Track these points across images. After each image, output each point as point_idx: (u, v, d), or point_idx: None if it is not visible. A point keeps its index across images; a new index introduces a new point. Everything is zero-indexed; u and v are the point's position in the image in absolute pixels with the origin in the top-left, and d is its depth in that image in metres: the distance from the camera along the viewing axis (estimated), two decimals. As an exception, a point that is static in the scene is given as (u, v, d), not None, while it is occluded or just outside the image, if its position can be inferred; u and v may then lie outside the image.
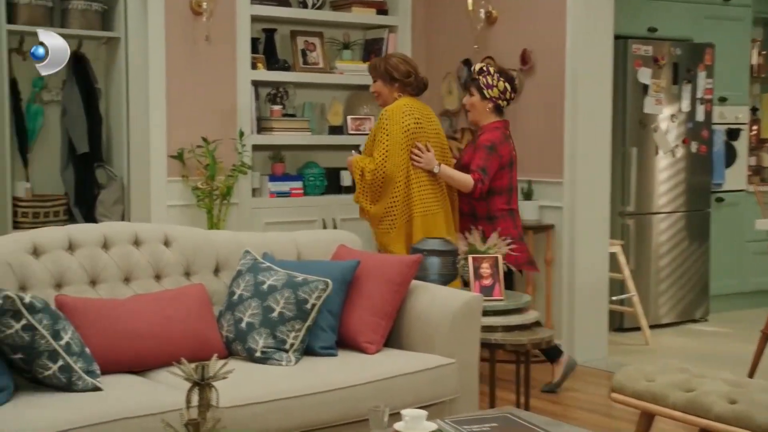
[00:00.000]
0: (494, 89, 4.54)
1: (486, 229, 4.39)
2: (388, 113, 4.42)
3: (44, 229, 3.50)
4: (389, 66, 4.53)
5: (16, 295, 2.84)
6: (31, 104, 5.97)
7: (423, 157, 4.44)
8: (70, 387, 2.95)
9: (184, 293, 3.50)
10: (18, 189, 5.80)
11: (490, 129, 4.56)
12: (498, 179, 4.53)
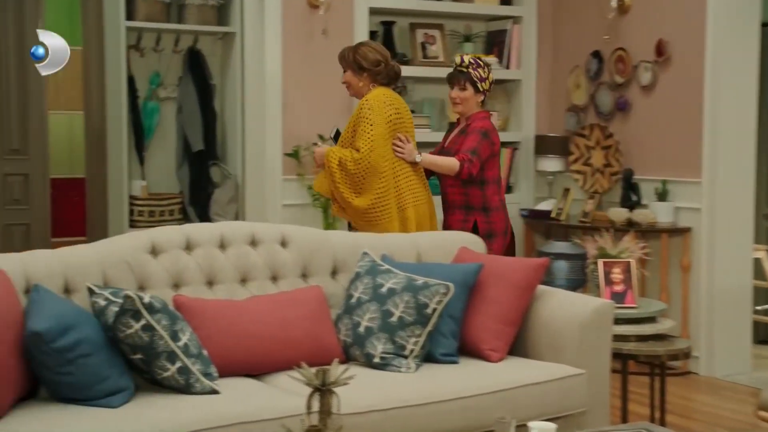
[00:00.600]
0: (486, 82, 4.58)
1: (479, 220, 4.44)
2: (369, 103, 4.40)
3: (162, 228, 3.62)
4: (358, 55, 4.52)
5: (135, 294, 2.94)
6: (147, 101, 6.19)
7: (405, 148, 4.45)
8: (188, 389, 3.04)
9: (302, 295, 3.56)
10: (134, 187, 6.02)
11: (480, 118, 4.57)
12: (489, 169, 4.53)
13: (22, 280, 3.11)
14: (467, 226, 4.49)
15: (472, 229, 4.46)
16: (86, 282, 3.18)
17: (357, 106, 4.49)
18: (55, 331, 2.82)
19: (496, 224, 4.52)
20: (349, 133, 4.47)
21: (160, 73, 6.19)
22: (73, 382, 2.87)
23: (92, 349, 2.90)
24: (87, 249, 3.37)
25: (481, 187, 4.51)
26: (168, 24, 6.03)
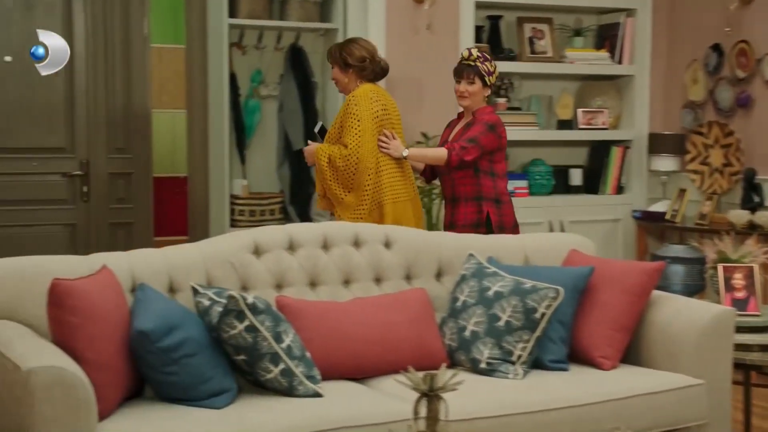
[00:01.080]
0: (493, 76, 4.58)
1: (491, 211, 4.44)
2: (355, 99, 4.47)
3: (265, 228, 3.68)
4: (344, 52, 4.59)
5: (239, 295, 3.00)
6: (248, 100, 6.30)
7: (390, 144, 4.51)
8: (291, 391, 3.08)
9: (405, 298, 3.58)
10: (235, 186, 6.13)
11: (488, 112, 4.56)
12: (497, 162, 4.52)
13: (128, 278, 3.20)
14: (481, 217, 4.46)
15: (485, 221, 4.45)
16: (190, 281, 3.26)
17: (343, 102, 4.57)
18: (161, 331, 2.90)
19: (506, 217, 4.50)
20: (336, 130, 4.54)
21: (261, 70, 6.28)
22: (177, 381, 2.94)
23: (196, 349, 2.97)
24: (191, 248, 3.46)
25: (492, 178, 4.49)
26: (270, 21, 6.12)
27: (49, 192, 6.03)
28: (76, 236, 6.08)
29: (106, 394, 2.79)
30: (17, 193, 5.96)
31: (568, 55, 5.93)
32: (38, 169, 5.96)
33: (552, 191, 5.95)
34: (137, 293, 3.13)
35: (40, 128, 5.97)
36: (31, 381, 2.55)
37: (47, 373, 2.57)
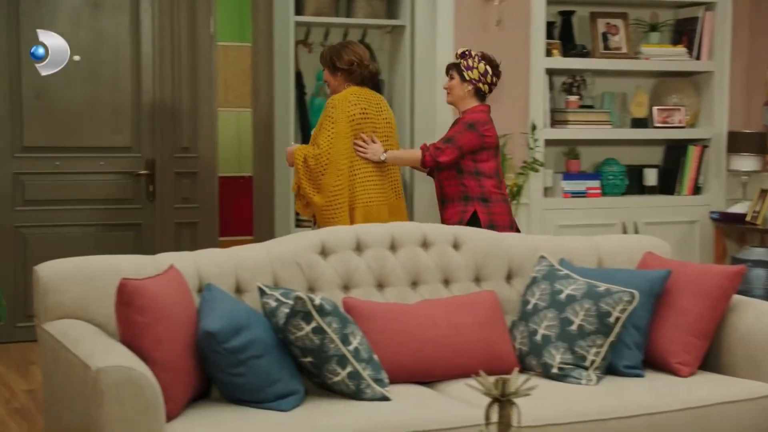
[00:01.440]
0: (474, 71, 4.59)
1: (479, 210, 4.47)
2: (334, 101, 4.63)
3: (332, 229, 3.70)
4: (333, 55, 4.73)
5: (306, 296, 3.02)
6: (314, 98, 6.33)
7: (368, 148, 4.60)
8: (358, 395, 3.09)
9: (475, 300, 3.56)
10: (301, 186, 6.16)
11: (476, 111, 4.60)
12: (484, 161, 4.54)
13: (195, 278, 3.25)
14: (465, 216, 4.49)
15: (471, 219, 4.47)
16: (257, 282, 3.29)
17: (326, 104, 4.71)
18: (228, 332, 2.93)
19: (498, 216, 4.51)
20: (316, 130, 4.67)
21: (327, 68, 6.31)
22: (244, 383, 2.97)
23: (263, 351, 3.00)
24: (258, 248, 3.49)
25: (477, 178, 4.53)
26: (336, 18, 6.15)
27: (115, 191, 6.15)
28: (142, 236, 6.18)
29: (173, 394, 2.83)
30: (83, 193, 6.09)
31: (643, 51, 5.86)
32: (105, 168, 6.09)
33: (625, 192, 5.88)
34: (204, 293, 3.16)
35: (107, 127, 6.10)
36: (101, 380, 2.60)
37: (116, 372, 2.61)
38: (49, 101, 5.94)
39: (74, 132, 6.02)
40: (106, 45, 6.04)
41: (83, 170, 6.06)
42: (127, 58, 6.09)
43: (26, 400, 4.78)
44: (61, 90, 5.95)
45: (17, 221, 5.95)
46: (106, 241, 6.06)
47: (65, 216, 6.04)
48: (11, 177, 5.93)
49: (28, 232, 5.98)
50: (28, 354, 5.63)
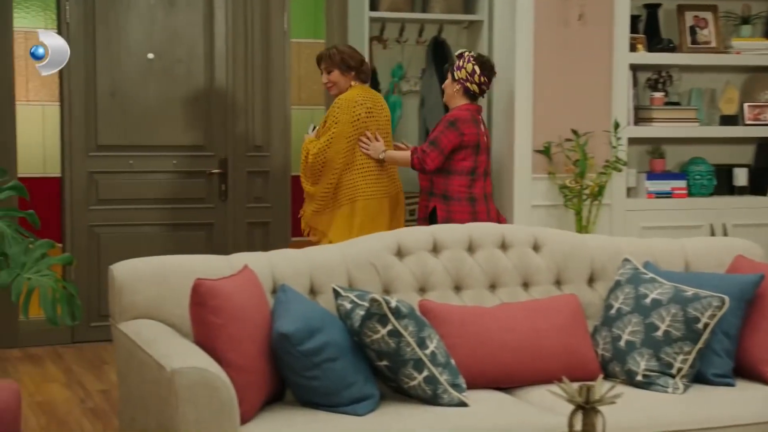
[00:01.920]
0: (462, 71, 4.83)
1: (438, 207, 4.76)
2: (341, 102, 4.96)
3: (408, 229, 3.72)
4: (345, 55, 5.03)
5: (382, 298, 3.03)
6: (389, 95, 6.34)
7: (371, 145, 4.94)
8: (435, 400, 3.09)
9: (556, 304, 3.54)
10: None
11: (460, 109, 4.85)
12: (460, 160, 4.77)
13: (269, 279, 3.28)
14: (427, 212, 4.84)
15: (430, 215, 4.80)
16: (332, 283, 3.31)
17: (333, 103, 5.03)
18: (302, 334, 2.96)
19: (456, 214, 4.72)
20: (322, 127, 5.03)
21: (402, 65, 6.32)
22: (318, 386, 2.99)
23: (338, 354, 3.02)
24: (333, 249, 3.52)
25: (446, 176, 4.79)
26: (412, 13, 6.16)
27: (188, 190, 6.24)
28: (214, 235, 6.26)
29: (247, 396, 2.86)
30: (156, 192, 6.19)
31: (734, 45, 5.74)
32: (177, 168, 6.18)
33: (713, 192, 5.77)
34: (278, 294, 3.19)
35: (180, 126, 6.19)
36: (175, 382, 2.64)
37: (191, 374, 2.66)
38: (123, 99, 6.06)
39: (147, 130, 6.13)
40: (180, 43, 6.14)
41: (156, 169, 6.17)
42: (200, 55, 6.18)
43: (100, 400, 4.88)
44: (135, 88, 6.06)
45: (92, 220, 6.07)
46: (177, 241, 6.15)
47: (138, 215, 6.15)
48: (86, 176, 6.06)
49: (102, 231, 6.10)
50: (102, 354, 5.75)
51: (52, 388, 5.09)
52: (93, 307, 5.93)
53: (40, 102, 6.19)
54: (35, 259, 4.44)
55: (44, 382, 5.20)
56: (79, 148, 6.03)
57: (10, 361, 5.65)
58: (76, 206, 6.05)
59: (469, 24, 6.23)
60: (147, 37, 6.05)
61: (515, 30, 5.42)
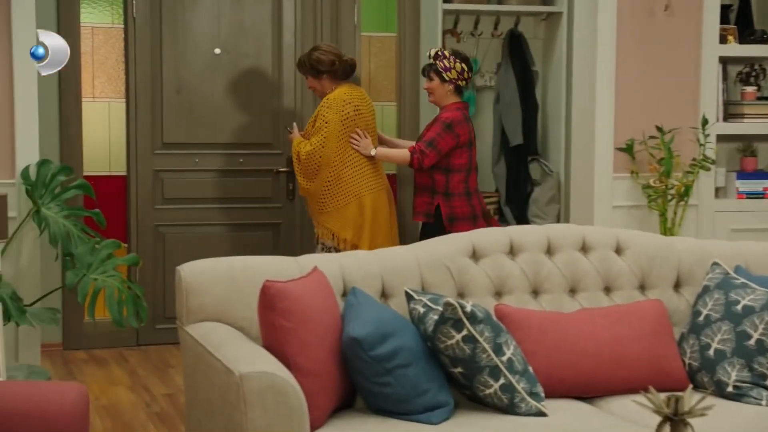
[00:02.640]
0: (452, 71, 5.20)
1: (441, 203, 5.18)
2: (328, 102, 5.28)
3: (484, 231, 3.70)
4: (312, 61, 5.33)
5: (457, 302, 3.02)
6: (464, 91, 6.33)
7: (360, 143, 5.27)
8: (511, 409, 3.07)
9: (639, 310, 3.49)
10: (448, 185, 6.17)
11: (452, 109, 5.24)
12: (457, 157, 5.19)
13: (339, 281, 3.29)
14: (431, 209, 5.21)
15: (435, 212, 5.19)
16: (404, 286, 3.31)
17: (320, 104, 5.34)
18: (374, 338, 2.96)
19: (458, 209, 5.19)
20: (310, 127, 5.37)
21: (477, 59, 6.32)
22: (390, 393, 2.99)
23: (411, 360, 3.01)
24: (405, 251, 3.52)
25: (446, 173, 5.20)
26: (487, 5, 6.15)
27: (255, 189, 6.29)
28: (281, 236, 6.30)
29: (317, 402, 2.87)
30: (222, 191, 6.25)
31: (834, 37, 5.63)
32: (244, 166, 6.23)
33: (811, 193, 5.67)
34: (349, 297, 3.20)
35: (246, 123, 6.24)
36: (245, 386, 2.66)
37: (260, 378, 2.68)
38: (189, 96, 6.13)
39: (213, 128, 6.19)
40: (247, 37, 6.19)
41: (222, 167, 6.23)
42: (269, 50, 6.23)
43: (166, 404, 4.95)
44: (202, 84, 6.13)
45: (157, 220, 6.16)
46: (244, 241, 6.21)
47: (204, 215, 6.22)
48: (152, 174, 6.14)
49: (167, 231, 6.18)
50: (168, 357, 5.83)
51: (117, 392, 5.18)
52: (158, 309, 6.02)
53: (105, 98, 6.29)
54: (101, 260, 4.55)
55: (109, 385, 5.29)
56: (145, 146, 6.11)
57: (75, 363, 5.76)
58: (141, 205, 6.13)
59: (547, 16, 6.21)
60: (214, 31, 6.12)
61: (597, 21, 5.36)
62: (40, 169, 4.60)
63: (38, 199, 4.52)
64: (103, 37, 6.23)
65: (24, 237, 4.62)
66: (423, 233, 5.18)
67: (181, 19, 6.07)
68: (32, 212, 4.52)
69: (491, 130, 6.37)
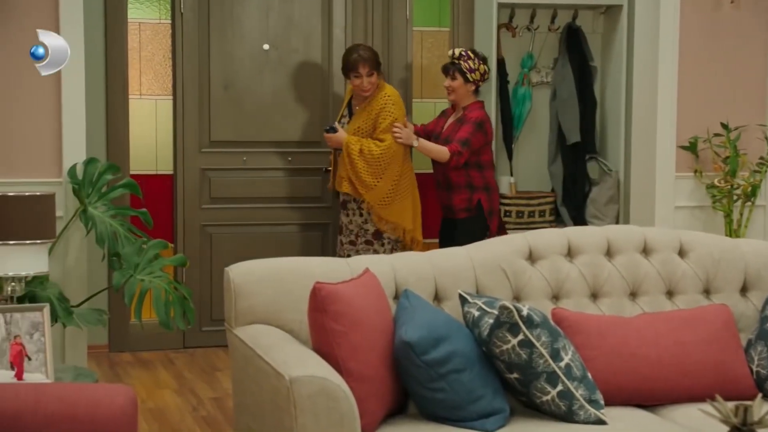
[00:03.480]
0: (476, 72, 5.49)
1: (482, 198, 5.50)
2: (392, 99, 5.52)
3: (541, 232, 3.68)
4: (375, 56, 5.57)
5: (513, 305, 3.00)
6: (518, 87, 6.31)
7: (403, 132, 5.46)
8: (570, 416, 3.05)
9: (704, 315, 3.46)
10: (502, 184, 6.16)
11: (476, 108, 5.54)
12: (485, 154, 5.55)
13: (391, 283, 3.29)
14: (472, 205, 5.49)
15: (477, 207, 5.47)
16: (458, 289, 3.30)
17: (377, 100, 5.47)
18: (427, 343, 2.96)
19: (495, 202, 5.62)
20: (369, 124, 5.49)
21: (533, 54, 6.30)
22: (444, 399, 2.99)
23: (465, 365, 3.01)
24: (459, 253, 3.51)
25: (480, 169, 5.52)
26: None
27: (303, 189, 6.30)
28: (329, 237, 6.31)
29: (369, 408, 2.88)
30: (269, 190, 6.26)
31: None
32: (292, 164, 6.25)
33: None
34: (401, 300, 3.20)
35: (295, 120, 6.26)
36: (295, 391, 2.68)
37: (311, 383, 2.69)
38: (237, 93, 6.16)
39: (262, 125, 6.22)
40: (297, 32, 6.21)
41: (270, 166, 6.26)
42: (318, 45, 6.24)
43: (213, 408, 4.99)
44: (250, 81, 6.16)
45: (204, 220, 6.20)
46: (292, 242, 6.23)
47: (251, 214, 6.25)
48: (198, 173, 6.18)
49: (214, 231, 6.22)
50: (214, 360, 5.88)
51: (163, 395, 5.23)
52: (205, 311, 6.06)
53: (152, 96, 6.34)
54: (148, 260, 4.58)
55: (156, 389, 5.34)
56: (192, 144, 6.15)
57: (121, 365, 5.82)
58: (188, 205, 6.18)
59: (606, 9, 6.17)
60: (262, 26, 6.15)
61: (659, 15, 5.33)
62: (87, 167, 4.65)
63: (85, 198, 4.57)
64: (150, 33, 6.29)
65: (71, 237, 4.68)
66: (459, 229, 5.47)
67: (229, 15, 6.10)
68: (79, 211, 4.57)
69: (547, 128, 6.34)
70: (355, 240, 5.57)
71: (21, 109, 4.62)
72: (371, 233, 5.54)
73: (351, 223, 5.60)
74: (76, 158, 4.72)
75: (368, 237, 5.55)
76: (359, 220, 5.57)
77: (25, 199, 3.58)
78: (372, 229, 5.54)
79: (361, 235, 5.55)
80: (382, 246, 5.52)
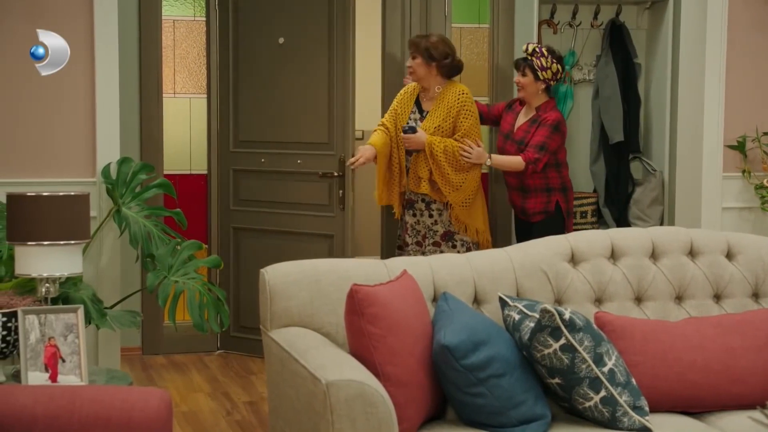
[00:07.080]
0: (548, 71, 5.44)
1: (560, 199, 5.48)
2: (468, 97, 5.43)
3: (583, 233, 3.67)
4: (430, 44, 5.38)
5: (554, 309, 3.00)
6: (560, 85, 6.28)
7: (473, 152, 5.35)
8: (613, 423, 3.04)
9: (753, 320, 3.44)
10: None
11: (551, 108, 5.51)
12: (561, 152, 5.52)
13: (429, 286, 3.30)
14: (550, 207, 5.47)
15: (555, 209, 5.46)
16: (498, 292, 3.30)
17: (454, 98, 5.37)
18: (466, 347, 2.96)
19: (571, 202, 5.61)
20: (449, 124, 5.39)
21: (575, 51, 6.27)
22: (484, 404, 2.99)
23: (505, 369, 3.01)
24: (498, 255, 3.51)
25: (557, 169, 5.50)
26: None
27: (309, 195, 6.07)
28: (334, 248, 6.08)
29: (407, 413, 2.88)
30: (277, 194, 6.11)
31: None
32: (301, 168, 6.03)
33: None
34: (440, 303, 3.21)
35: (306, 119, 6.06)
36: (332, 395, 2.68)
37: (348, 387, 2.69)
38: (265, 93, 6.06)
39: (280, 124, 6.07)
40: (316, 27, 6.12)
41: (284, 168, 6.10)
42: (356, 43, 6.22)
43: (247, 413, 5.01)
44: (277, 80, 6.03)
45: (233, 221, 6.19)
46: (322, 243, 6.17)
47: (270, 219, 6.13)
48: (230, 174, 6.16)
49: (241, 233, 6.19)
50: (248, 364, 5.90)
51: (197, 398, 5.26)
52: (240, 314, 6.07)
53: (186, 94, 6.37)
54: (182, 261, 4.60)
55: (189, 392, 5.38)
56: (223, 144, 6.15)
57: (155, 368, 5.86)
58: (220, 206, 6.18)
59: (651, 4, 6.13)
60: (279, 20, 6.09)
61: (706, 10, 5.29)
62: (121, 167, 4.68)
63: (119, 198, 4.60)
64: (185, 30, 6.32)
65: (104, 237, 4.71)
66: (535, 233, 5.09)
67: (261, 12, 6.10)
68: (113, 212, 4.60)
69: (589, 127, 6.30)
70: (422, 241, 5.48)
71: (55, 108, 4.66)
72: (440, 234, 5.45)
73: (418, 223, 5.49)
74: (110, 158, 4.74)
75: (437, 239, 5.45)
76: (428, 221, 5.47)
77: (59, 199, 3.60)
78: (441, 231, 5.45)
79: (429, 237, 5.45)
80: (453, 248, 5.43)
